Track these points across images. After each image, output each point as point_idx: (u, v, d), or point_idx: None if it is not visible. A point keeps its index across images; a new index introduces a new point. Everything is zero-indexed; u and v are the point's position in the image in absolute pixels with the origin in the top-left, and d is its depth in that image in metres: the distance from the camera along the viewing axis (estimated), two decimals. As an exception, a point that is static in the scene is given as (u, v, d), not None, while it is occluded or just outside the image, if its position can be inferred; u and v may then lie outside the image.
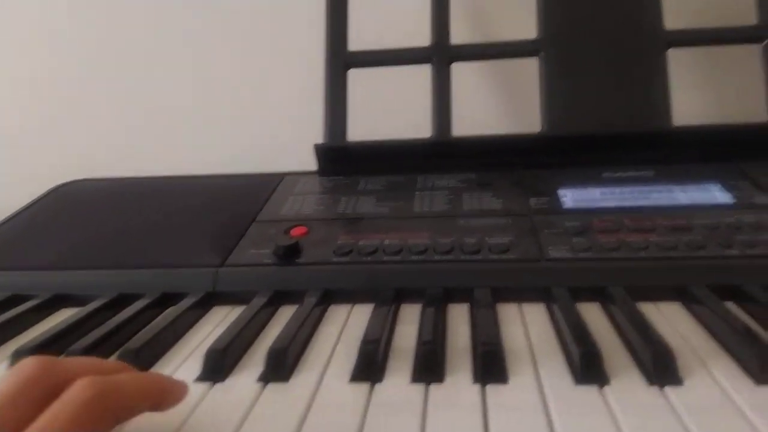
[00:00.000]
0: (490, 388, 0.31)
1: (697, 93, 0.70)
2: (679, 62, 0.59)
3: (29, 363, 0.25)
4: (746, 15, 0.57)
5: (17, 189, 0.69)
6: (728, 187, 0.51)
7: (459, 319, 0.40)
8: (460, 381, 0.32)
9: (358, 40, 0.62)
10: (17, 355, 0.36)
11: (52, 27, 0.81)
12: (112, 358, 0.36)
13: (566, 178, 0.55)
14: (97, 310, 0.43)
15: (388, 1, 0.70)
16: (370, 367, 0.33)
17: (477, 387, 0.31)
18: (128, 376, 0.27)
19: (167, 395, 0.28)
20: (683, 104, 0.58)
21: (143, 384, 0.27)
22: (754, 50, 0.57)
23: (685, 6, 0.66)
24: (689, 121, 0.57)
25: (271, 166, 0.66)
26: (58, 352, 0.37)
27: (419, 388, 0.32)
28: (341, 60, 0.62)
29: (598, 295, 0.41)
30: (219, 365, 0.34)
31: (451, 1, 0.61)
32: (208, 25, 0.77)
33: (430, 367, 0.33)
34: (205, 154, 0.79)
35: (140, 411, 0.27)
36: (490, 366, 0.32)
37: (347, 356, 0.36)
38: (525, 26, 0.60)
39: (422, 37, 0.61)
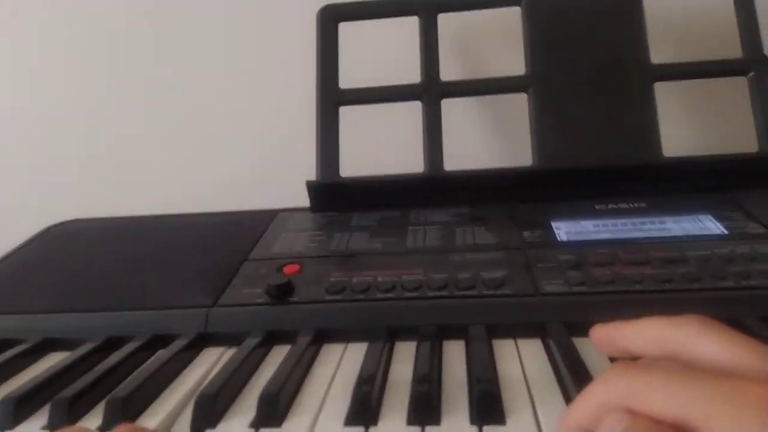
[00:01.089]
0: (488, 429, 0.30)
1: (684, 124, 0.71)
2: (666, 94, 0.60)
3: None
4: (730, 42, 0.59)
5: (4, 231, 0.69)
6: (721, 218, 0.51)
7: (455, 354, 0.40)
8: (457, 423, 0.31)
9: (347, 77, 0.63)
10: (5, 402, 0.35)
11: (27, 57, 0.81)
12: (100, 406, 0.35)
13: (559, 210, 0.55)
14: (87, 355, 0.42)
15: (377, 38, 0.70)
16: (364, 410, 0.33)
17: (474, 430, 0.31)
18: None
19: None
20: (672, 136, 0.58)
21: None
22: (740, 81, 0.58)
23: (669, 37, 0.67)
24: (679, 153, 0.57)
25: (260, 202, 0.66)
26: (47, 399, 0.36)
27: (416, 430, 0.31)
28: (332, 97, 0.62)
29: (595, 330, 0.40)
30: (210, 411, 0.34)
31: (440, 39, 0.62)
32: (197, 57, 0.78)
33: (425, 409, 0.32)
34: (194, 190, 0.79)
35: None
36: (487, 407, 0.31)
37: (342, 397, 0.35)
38: (514, 62, 0.61)
39: (411, 72, 0.62)
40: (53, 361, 0.43)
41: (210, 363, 0.42)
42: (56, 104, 0.81)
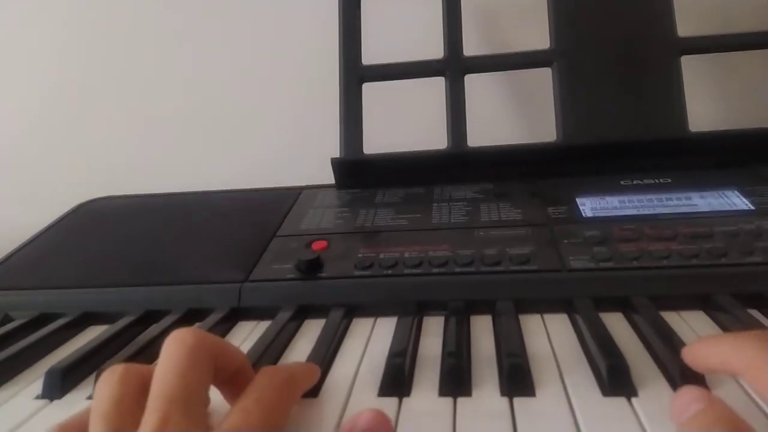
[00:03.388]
0: (518, 401, 0.31)
1: (710, 98, 0.70)
2: (692, 67, 0.59)
3: (187, 334, 0.26)
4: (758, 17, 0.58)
5: (36, 207, 0.70)
6: (747, 193, 0.51)
7: (482, 329, 0.40)
8: (487, 394, 0.32)
9: (370, 53, 0.63)
10: (51, 374, 0.37)
11: (57, 42, 0.81)
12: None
13: (583, 186, 0.55)
14: (126, 328, 0.44)
15: (400, 14, 0.70)
16: (397, 381, 0.34)
17: (505, 400, 0.32)
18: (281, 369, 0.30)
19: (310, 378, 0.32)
20: (698, 110, 0.58)
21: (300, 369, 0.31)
22: (766, 54, 0.57)
23: (697, 9, 0.66)
24: (705, 127, 0.57)
25: (282, 179, 0.67)
26: (92, 370, 0.38)
27: (447, 401, 0.32)
28: (356, 74, 0.62)
29: (621, 305, 0.41)
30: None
31: (463, 14, 0.62)
32: (222, 38, 0.78)
33: (456, 380, 0.33)
34: (218, 169, 0.80)
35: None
36: (517, 379, 0.32)
37: (374, 370, 0.36)
38: (537, 37, 0.60)
39: (434, 49, 0.61)
40: (93, 334, 0.44)
41: (244, 335, 0.43)
42: (89, 83, 0.82)
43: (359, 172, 0.61)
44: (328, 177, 0.62)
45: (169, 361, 0.25)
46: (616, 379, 0.31)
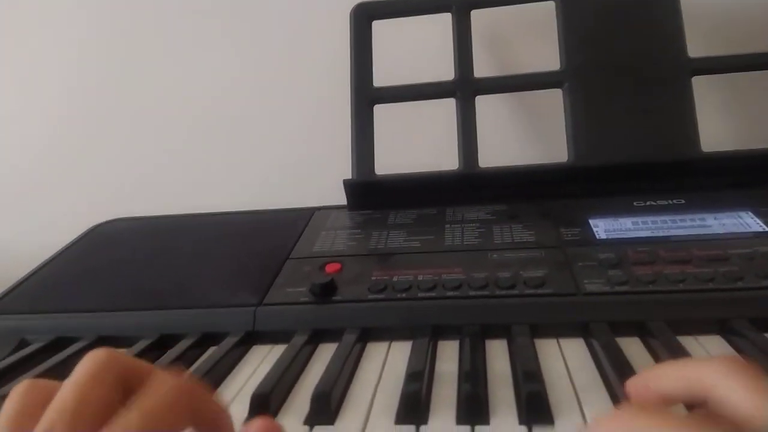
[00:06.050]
0: (537, 429, 0.31)
1: (722, 118, 0.70)
2: (704, 88, 0.59)
3: (100, 352, 0.26)
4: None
5: (50, 230, 0.71)
6: (761, 213, 0.51)
7: (497, 353, 0.40)
8: (506, 423, 0.32)
9: (381, 74, 0.63)
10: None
11: (70, 66, 0.82)
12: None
13: (596, 207, 0.55)
14: (141, 353, 0.44)
15: (410, 36, 0.71)
16: (414, 408, 0.34)
17: (524, 429, 0.31)
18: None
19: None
20: (710, 130, 0.58)
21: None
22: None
23: (707, 30, 0.66)
24: (717, 147, 0.57)
25: (294, 200, 0.67)
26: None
27: (465, 429, 0.32)
28: (367, 96, 0.63)
29: (638, 329, 0.41)
30: (265, 409, 0.35)
31: (473, 35, 0.63)
32: (232, 60, 0.79)
33: (474, 409, 0.33)
34: (231, 189, 0.81)
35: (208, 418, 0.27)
36: (536, 408, 0.32)
37: (390, 396, 0.36)
38: (548, 58, 0.61)
39: (445, 69, 0.62)
40: (109, 358, 0.44)
41: (259, 360, 0.43)
42: (101, 106, 0.83)
43: (371, 193, 0.62)
44: (340, 197, 0.63)
45: (72, 377, 0.25)
46: (635, 408, 0.31)
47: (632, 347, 0.39)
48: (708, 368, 0.25)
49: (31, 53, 0.83)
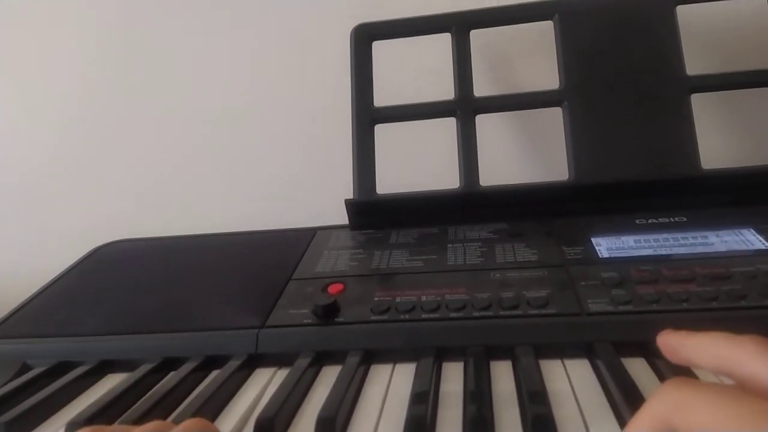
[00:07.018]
0: (544, 454, 0.31)
1: (722, 135, 0.70)
2: (703, 105, 0.59)
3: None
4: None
5: (52, 252, 0.71)
6: (762, 231, 0.51)
7: (501, 374, 0.40)
8: (513, 447, 0.32)
9: (382, 94, 0.64)
10: (72, 427, 0.37)
11: (72, 84, 0.83)
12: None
13: (598, 226, 0.55)
14: (144, 377, 0.44)
15: (410, 56, 0.71)
16: (419, 431, 0.34)
17: (531, 453, 0.31)
18: None
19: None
20: (709, 147, 0.58)
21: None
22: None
23: (705, 47, 0.67)
24: (717, 165, 0.57)
25: (296, 219, 0.67)
26: (112, 420, 0.38)
27: (472, 454, 0.32)
28: (368, 116, 0.63)
29: (642, 349, 0.40)
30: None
31: (473, 54, 0.63)
32: (234, 79, 0.80)
33: (480, 431, 0.33)
34: (233, 211, 0.81)
35: None
36: (542, 430, 0.32)
37: (395, 419, 0.36)
38: (547, 77, 0.61)
39: (445, 89, 0.62)
40: (112, 382, 0.44)
41: (263, 383, 0.43)
42: (102, 125, 0.83)
43: (373, 212, 0.62)
44: (341, 216, 0.63)
45: None
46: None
47: (637, 367, 0.39)
48: (736, 347, 0.27)
49: (32, 71, 0.83)
